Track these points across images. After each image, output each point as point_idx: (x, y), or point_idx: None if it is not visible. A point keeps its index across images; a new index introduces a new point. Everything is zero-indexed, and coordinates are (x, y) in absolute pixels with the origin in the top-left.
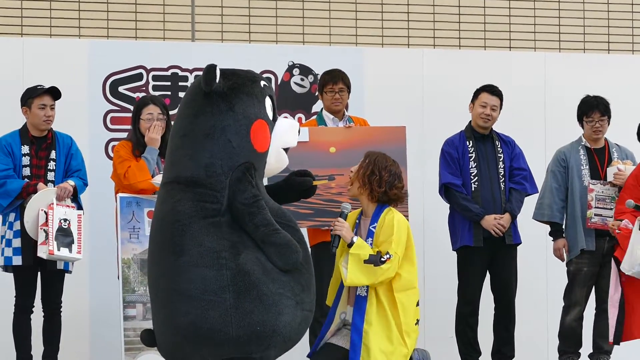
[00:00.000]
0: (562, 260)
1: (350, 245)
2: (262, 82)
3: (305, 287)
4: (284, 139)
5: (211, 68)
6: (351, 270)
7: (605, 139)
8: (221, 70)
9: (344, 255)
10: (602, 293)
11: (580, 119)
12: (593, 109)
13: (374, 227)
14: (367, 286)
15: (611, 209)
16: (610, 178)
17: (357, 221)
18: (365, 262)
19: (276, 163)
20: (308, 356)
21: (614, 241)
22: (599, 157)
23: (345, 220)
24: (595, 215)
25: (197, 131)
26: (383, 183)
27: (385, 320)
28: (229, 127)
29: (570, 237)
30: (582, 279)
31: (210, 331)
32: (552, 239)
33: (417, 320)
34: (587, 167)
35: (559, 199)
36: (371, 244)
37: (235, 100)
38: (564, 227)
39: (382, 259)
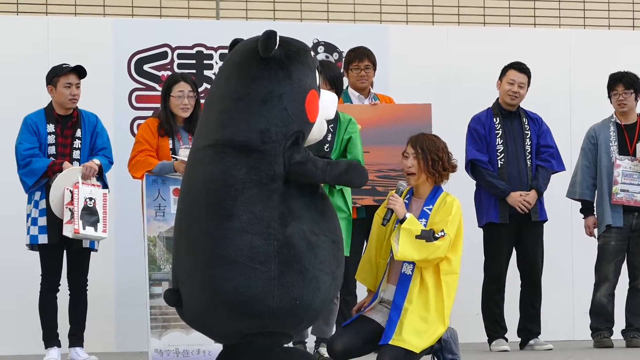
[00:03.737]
0: (593, 237)
1: (403, 221)
2: (312, 52)
3: (340, 262)
4: (328, 110)
5: (272, 34)
6: (402, 245)
7: (638, 115)
8: None
9: (395, 231)
10: (633, 270)
11: (608, 94)
12: (617, 82)
13: (430, 209)
14: (414, 265)
15: (639, 184)
16: (638, 154)
17: (405, 200)
18: (417, 237)
19: (319, 133)
20: (342, 326)
21: None
22: (629, 133)
23: (400, 197)
24: (622, 190)
25: (253, 96)
26: (445, 163)
27: (424, 301)
28: (286, 94)
29: (598, 213)
30: (610, 254)
31: (251, 299)
32: (582, 216)
33: None
34: (616, 143)
35: (589, 177)
36: (425, 226)
37: (292, 68)
38: (594, 204)
39: (437, 236)
